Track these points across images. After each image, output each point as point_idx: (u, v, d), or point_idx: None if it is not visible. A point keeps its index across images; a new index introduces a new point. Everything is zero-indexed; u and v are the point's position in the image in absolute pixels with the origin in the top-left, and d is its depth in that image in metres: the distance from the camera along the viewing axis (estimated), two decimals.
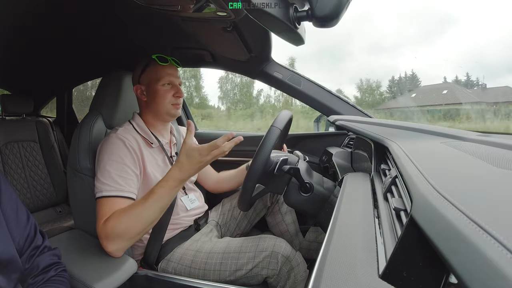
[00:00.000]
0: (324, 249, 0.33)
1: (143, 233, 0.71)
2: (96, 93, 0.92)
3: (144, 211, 0.68)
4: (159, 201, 0.69)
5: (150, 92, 0.86)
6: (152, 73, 0.85)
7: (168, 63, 0.87)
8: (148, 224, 0.70)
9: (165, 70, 0.85)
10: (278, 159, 0.78)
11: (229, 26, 0.85)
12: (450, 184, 0.27)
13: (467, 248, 0.17)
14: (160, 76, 0.85)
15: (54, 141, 1.87)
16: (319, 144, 1.36)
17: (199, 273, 0.79)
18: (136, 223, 0.68)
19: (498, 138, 0.50)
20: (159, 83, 0.85)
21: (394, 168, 0.50)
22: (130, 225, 0.67)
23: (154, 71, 0.85)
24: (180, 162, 0.71)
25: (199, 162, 0.70)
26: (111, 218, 0.68)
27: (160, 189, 0.70)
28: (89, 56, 1.39)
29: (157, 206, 0.69)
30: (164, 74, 0.85)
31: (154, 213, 0.69)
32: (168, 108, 0.86)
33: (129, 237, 0.68)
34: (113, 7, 0.87)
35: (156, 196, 0.69)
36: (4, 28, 1.02)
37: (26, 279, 0.54)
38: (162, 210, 0.71)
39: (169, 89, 0.86)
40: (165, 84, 0.85)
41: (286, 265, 0.76)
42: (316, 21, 0.50)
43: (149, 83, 0.86)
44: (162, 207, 0.71)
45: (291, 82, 1.29)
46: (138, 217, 0.68)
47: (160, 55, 0.86)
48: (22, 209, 0.57)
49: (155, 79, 0.85)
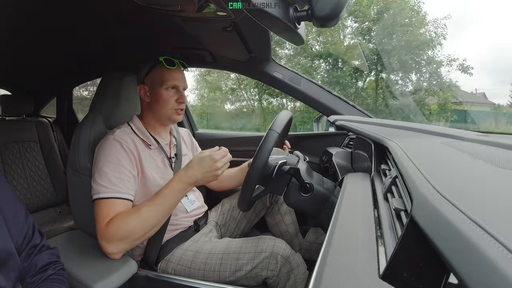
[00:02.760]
0: (324, 249, 0.33)
1: (145, 238, 0.71)
2: (96, 93, 0.92)
3: (149, 215, 0.68)
4: (164, 204, 0.69)
5: (153, 94, 0.85)
6: (157, 76, 0.84)
7: (175, 66, 0.85)
8: (151, 228, 0.70)
9: (171, 74, 0.84)
10: (276, 162, 0.78)
11: (229, 26, 0.85)
12: (450, 184, 0.27)
13: (467, 248, 0.17)
14: (165, 80, 0.83)
15: (54, 141, 1.87)
16: (319, 144, 1.36)
17: (199, 273, 0.79)
18: (139, 227, 0.68)
19: (498, 138, 0.50)
20: (164, 86, 0.84)
21: (394, 168, 0.50)
22: (133, 228, 0.67)
23: (160, 73, 0.84)
24: (190, 165, 0.72)
25: (209, 167, 0.71)
26: (114, 221, 0.68)
27: (166, 192, 0.70)
28: (89, 56, 1.39)
29: (161, 210, 0.69)
30: (169, 77, 0.84)
31: (158, 217, 0.69)
32: (170, 113, 0.86)
33: (131, 240, 0.68)
34: (113, 7, 0.87)
35: (162, 199, 0.69)
36: (4, 28, 1.01)
37: (25, 278, 0.54)
38: (166, 214, 0.71)
39: (172, 94, 0.85)
40: (169, 88, 0.84)
41: (285, 266, 0.76)
42: (316, 20, 0.50)
43: (153, 85, 0.84)
44: (167, 211, 0.71)
45: (291, 82, 1.29)
46: (142, 221, 0.68)
47: (168, 57, 0.85)
48: (21, 208, 0.57)
49: (160, 82, 0.84)
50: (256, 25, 0.58)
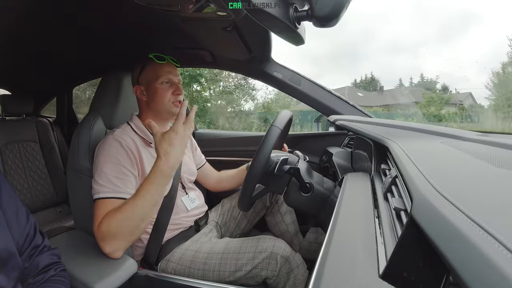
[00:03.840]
0: (324, 249, 0.33)
1: (138, 232, 0.69)
2: (96, 93, 0.92)
3: (135, 208, 0.66)
4: (149, 195, 0.67)
5: (149, 91, 0.86)
6: (150, 72, 0.86)
7: (166, 61, 0.87)
8: (140, 221, 0.68)
9: (163, 68, 0.86)
10: (278, 159, 0.78)
11: (229, 26, 0.85)
12: (450, 184, 0.27)
13: (467, 248, 0.17)
14: (159, 75, 0.85)
15: (54, 141, 1.87)
16: (319, 144, 1.36)
17: (199, 273, 0.79)
18: (127, 221, 0.66)
19: (498, 138, 0.50)
20: (158, 81, 0.85)
21: (394, 168, 0.50)
22: (121, 223, 0.66)
23: (152, 70, 0.86)
24: (163, 151, 0.68)
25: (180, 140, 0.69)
26: (104, 219, 0.67)
27: (148, 183, 0.68)
28: (89, 56, 1.39)
29: (147, 201, 0.67)
30: (163, 72, 0.85)
31: (145, 209, 0.67)
32: (168, 106, 0.86)
33: (123, 236, 0.67)
34: (113, 7, 0.87)
35: (144, 191, 0.67)
36: (4, 28, 1.01)
37: (26, 278, 0.54)
38: (153, 205, 0.69)
39: (168, 87, 0.86)
40: (163, 83, 0.85)
41: (285, 266, 0.76)
42: (316, 21, 0.50)
43: (148, 82, 0.86)
44: (153, 202, 0.69)
45: (291, 82, 1.29)
46: (129, 215, 0.66)
47: (157, 54, 0.86)
48: (22, 208, 0.57)
49: (154, 77, 0.85)
50: (256, 25, 0.58)
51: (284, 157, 0.79)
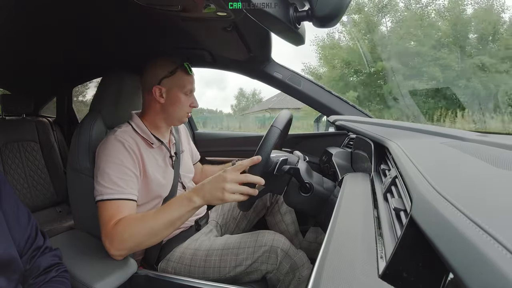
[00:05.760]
0: (324, 249, 0.33)
1: (146, 244, 0.71)
2: (96, 93, 0.92)
3: (155, 223, 0.68)
4: (168, 212, 0.69)
5: (170, 96, 0.86)
6: (178, 79, 0.86)
7: (192, 73, 0.89)
8: (154, 236, 0.69)
9: (189, 79, 0.88)
10: (278, 159, 0.78)
11: (229, 26, 0.85)
12: (450, 184, 0.27)
13: (466, 248, 0.17)
14: (186, 84, 0.86)
15: (54, 141, 1.86)
16: (319, 144, 1.36)
17: (199, 271, 0.80)
18: (142, 232, 0.67)
19: (498, 138, 0.50)
20: (183, 90, 0.86)
21: (394, 168, 0.50)
22: (137, 232, 0.67)
23: (181, 78, 0.86)
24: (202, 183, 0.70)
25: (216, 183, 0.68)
26: (121, 223, 0.68)
27: (172, 201, 0.70)
28: (89, 56, 1.39)
29: (165, 218, 0.68)
30: (188, 83, 0.87)
31: (160, 226, 0.68)
32: (182, 115, 0.88)
33: (133, 244, 0.68)
34: (113, 7, 0.87)
35: (167, 207, 0.69)
36: (3, 28, 1.01)
37: (27, 279, 0.54)
38: (169, 224, 0.69)
39: (188, 98, 0.88)
40: (187, 93, 0.87)
41: (285, 260, 0.76)
42: (316, 21, 0.50)
43: (172, 88, 0.85)
44: (170, 222, 0.69)
45: (291, 82, 1.29)
46: (146, 227, 0.67)
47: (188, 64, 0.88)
48: (23, 209, 0.57)
49: (181, 85, 0.86)
50: (256, 25, 0.58)
51: (284, 157, 0.79)
